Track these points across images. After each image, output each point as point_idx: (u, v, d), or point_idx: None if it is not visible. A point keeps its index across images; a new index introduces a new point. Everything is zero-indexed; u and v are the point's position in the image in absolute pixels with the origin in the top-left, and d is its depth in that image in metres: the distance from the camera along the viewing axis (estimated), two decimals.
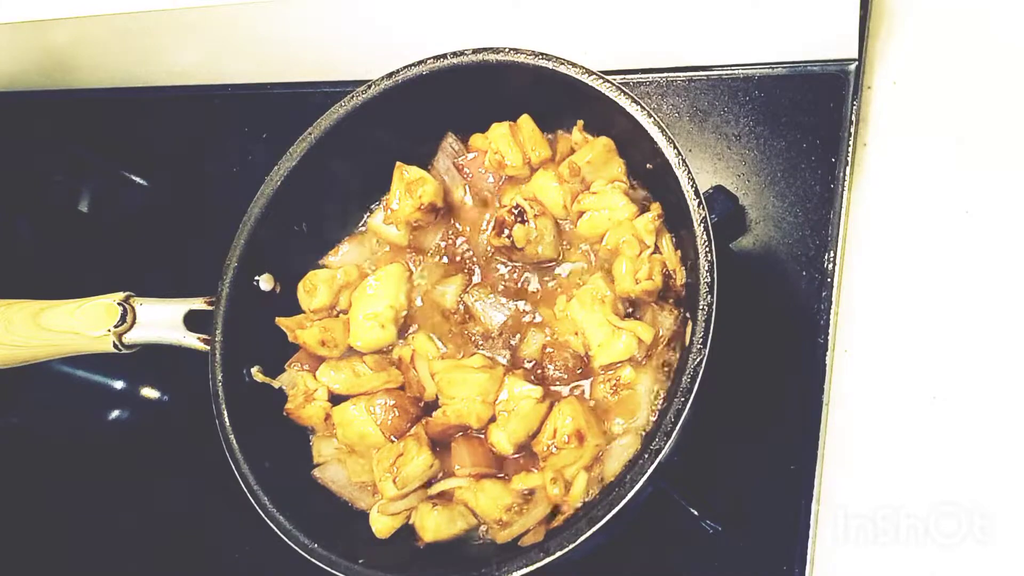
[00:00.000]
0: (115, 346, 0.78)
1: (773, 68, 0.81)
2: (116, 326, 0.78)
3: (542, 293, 0.74)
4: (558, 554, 0.61)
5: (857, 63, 0.77)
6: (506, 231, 0.71)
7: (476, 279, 0.76)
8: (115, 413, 1.04)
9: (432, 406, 0.73)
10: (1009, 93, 0.73)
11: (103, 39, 1.06)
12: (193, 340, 0.78)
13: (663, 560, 0.75)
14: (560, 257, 0.74)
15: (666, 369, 0.68)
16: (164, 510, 0.93)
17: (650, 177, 0.71)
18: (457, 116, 0.78)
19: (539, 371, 0.71)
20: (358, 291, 0.77)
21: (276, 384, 0.77)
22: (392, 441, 0.71)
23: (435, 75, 0.73)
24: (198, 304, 0.79)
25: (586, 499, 0.67)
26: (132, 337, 0.79)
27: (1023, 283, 0.68)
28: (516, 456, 0.69)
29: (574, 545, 0.61)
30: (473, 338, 0.74)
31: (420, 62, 0.74)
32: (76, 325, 0.79)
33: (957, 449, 0.67)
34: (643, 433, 0.68)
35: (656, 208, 0.70)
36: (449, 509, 0.69)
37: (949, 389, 0.68)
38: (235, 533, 0.86)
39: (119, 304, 0.79)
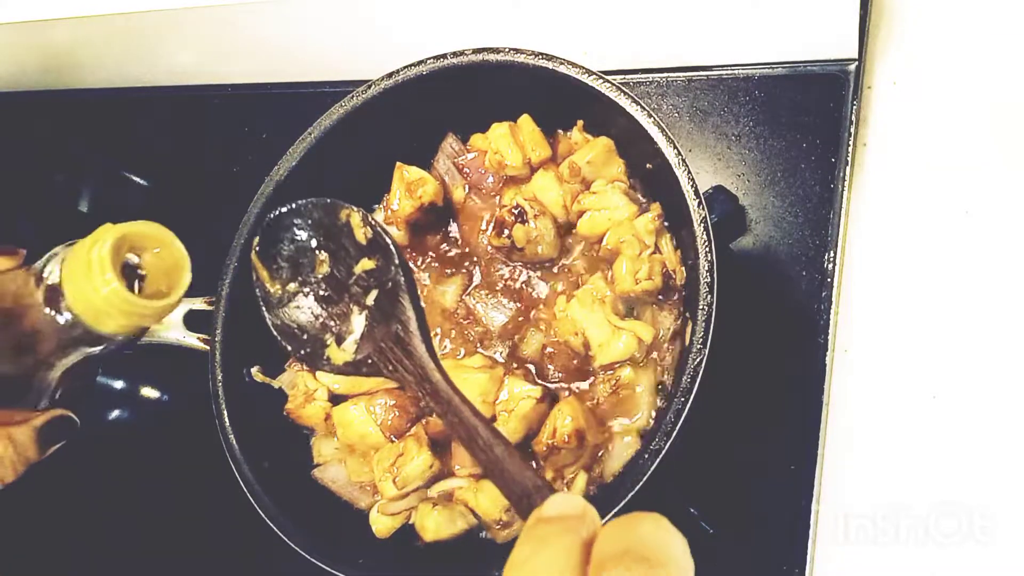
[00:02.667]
0: None
1: (773, 68, 0.81)
2: None
3: (542, 293, 0.74)
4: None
5: (857, 63, 0.77)
6: (506, 231, 0.71)
7: (476, 279, 0.76)
8: (115, 413, 1.04)
9: None
10: (1009, 93, 0.73)
11: (103, 39, 1.06)
12: (193, 340, 0.78)
13: None
14: (560, 257, 0.74)
15: (666, 369, 0.68)
16: (164, 510, 0.93)
17: (650, 177, 0.71)
18: (457, 116, 0.78)
19: (539, 371, 0.71)
20: None
21: (276, 384, 0.77)
22: (392, 441, 0.72)
23: (435, 75, 0.73)
24: (198, 304, 0.79)
25: (586, 499, 0.67)
26: None
27: (1023, 283, 0.68)
28: None
29: None
30: (473, 338, 0.74)
31: (420, 62, 0.74)
32: None
33: (957, 449, 0.67)
34: (643, 433, 0.68)
35: (656, 208, 0.70)
36: (449, 509, 0.69)
37: (949, 388, 0.68)
38: (235, 533, 0.86)
39: None
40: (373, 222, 0.56)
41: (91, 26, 1.04)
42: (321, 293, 0.57)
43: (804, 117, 0.79)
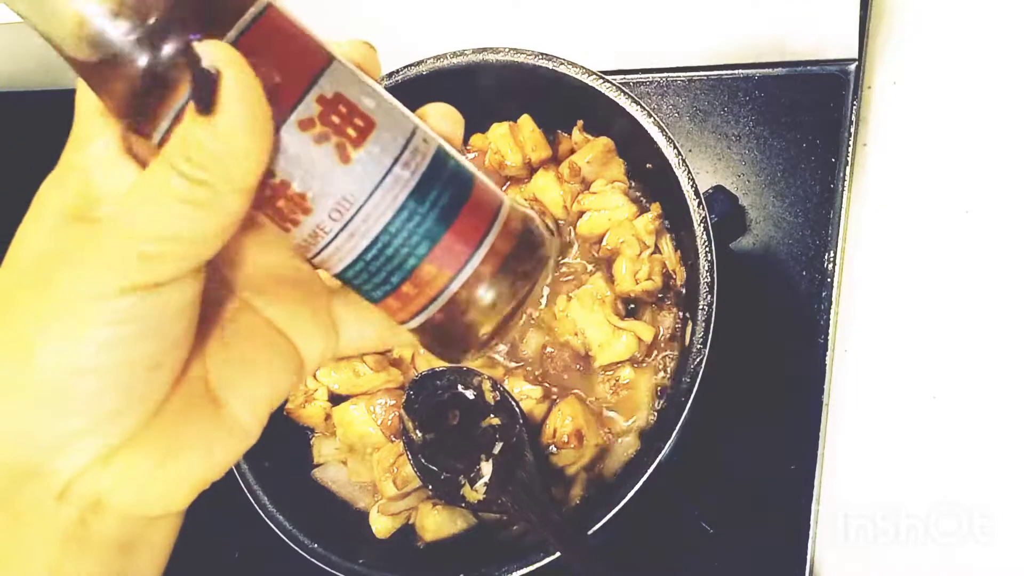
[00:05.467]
0: None
1: (773, 68, 0.81)
2: None
3: (542, 293, 0.74)
4: (558, 554, 0.61)
5: (857, 63, 0.77)
6: None
7: None
8: None
9: None
10: (1009, 92, 0.73)
11: None
12: None
13: (663, 560, 0.75)
14: (560, 257, 0.74)
15: (666, 369, 0.68)
16: None
17: (650, 177, 0.71)
18: None
19: (539, 371, 0.71)
20: None
21: None
22: (392, 441, 0.71)
23: (435, 75, 0.73)
24: None
25: (586, 499, 0.67)
26: None
27: (1023, 283, 0.68)
28: None
29: None
30: None
31: (420, 62, 0.74)
32: None
33: (957, 449, 0.67)
34: (643, 433, 0.68)
35: (656, 208, 0.70)
36: (449, 509, 0.69)
37: (949, 389, 0.68)
38: (235, 533, 0.86)
39: None
40: (501, 388, 0.66)
41: None
42: (455, 442, 0.66)
43: (804, 117, 0.79)
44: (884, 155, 0.75)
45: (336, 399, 0.75)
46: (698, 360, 0.61)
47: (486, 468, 0.64)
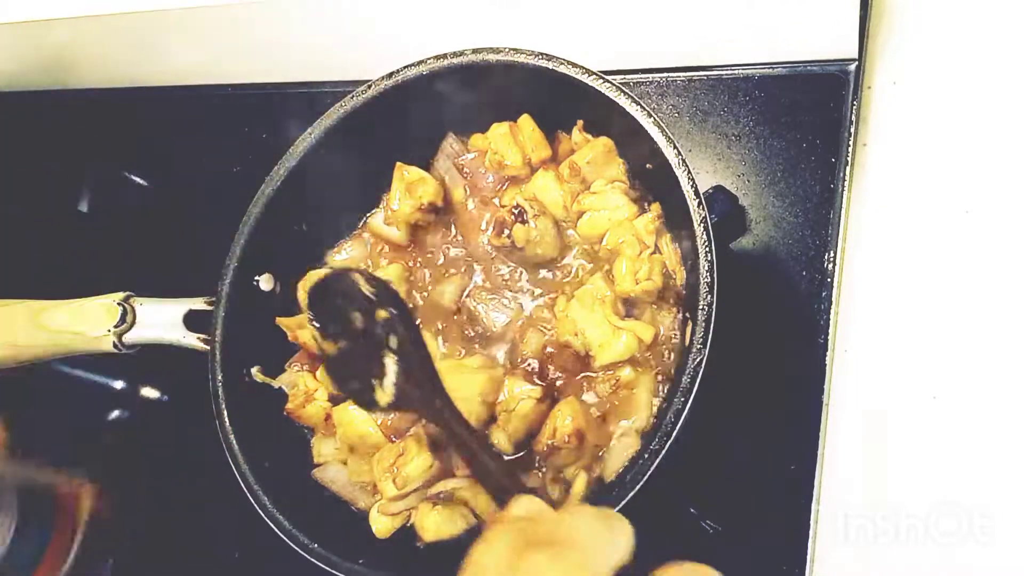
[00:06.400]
0: (115, 346, 0.79)
1: (773, 68, 0.81)
2: (116, 326, 0.78)
3: (542, 293, 0.74)
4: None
5: (857, 63, 0.77)
6: (506, 231, 0.71)
7: (476, 279, 0.76)
8: (115, 413, 1.04)
9: None
10: (1009, 92, 0.73)
11: (103, 39, 1.06)
12: (193, 340, 0.78)
13: (663, 560, 0.75)
14: (560, 257, 0.74)
15: (666, 369, 0.68)
16: (164, 510, 0.93)
17: (650, 177, 0.71)
18: (457, 116, 0.78)
19: (539, 371, 0.71)
20: None
21: (276, 384, 0.77)
22: (392, 441, 0.71)
23: (435, 75, 0.73)
24: (198, 304, 0.79)
25: (586, 499, 0.67)
26: (132, 337, 0.79)
27: (1023, 283, 0.68)
28: (516, 456, 0.70)
29: None
30: (473, 338, 0.74)
31: (420, 62, 0.74)
32: (76, 325, 0.79)
33: (957, 449, 0.67)
34: (643, 433, 0.68)
35: (656, 208, 0.71)
36: (449, 509, 0.69)
37: (949, 389, 0.68)
38: (235, 533, 0.86)
39: (119, 304, 0.79)
40: (372, 277, 0.64)
41: (91, 26, 1.04)
42: (360, 346, 0.64)
43: (804, 117, 0.79)
44: (884, 155, 0.75)
45: (336, 399, 0.75)
46: (698, 360, 0.61)
47: (390, 364, 0.63)
